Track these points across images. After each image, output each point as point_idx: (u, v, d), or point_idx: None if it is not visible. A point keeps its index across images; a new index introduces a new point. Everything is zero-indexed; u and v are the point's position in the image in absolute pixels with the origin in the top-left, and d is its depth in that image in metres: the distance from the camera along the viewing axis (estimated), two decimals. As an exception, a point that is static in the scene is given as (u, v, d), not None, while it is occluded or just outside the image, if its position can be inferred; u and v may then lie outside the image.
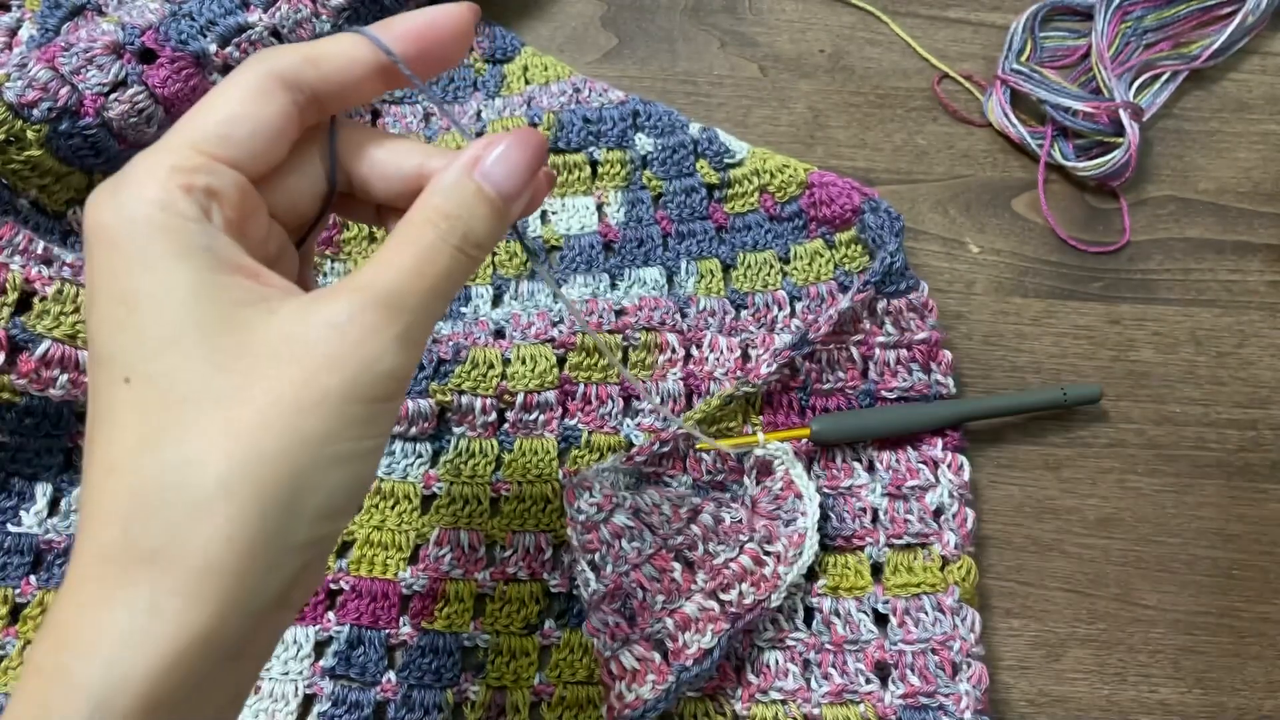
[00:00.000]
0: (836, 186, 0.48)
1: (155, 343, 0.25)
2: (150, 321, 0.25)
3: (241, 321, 0.26)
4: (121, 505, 0.24)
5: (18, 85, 0.43)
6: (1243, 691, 0.45)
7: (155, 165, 0.26)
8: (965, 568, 0.44)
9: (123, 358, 0.25)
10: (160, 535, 0.24)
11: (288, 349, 0.25)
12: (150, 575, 0.24)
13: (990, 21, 0.56)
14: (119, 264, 0.26)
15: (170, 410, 0.25)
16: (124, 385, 0.25)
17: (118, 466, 0.25)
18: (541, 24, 0.56)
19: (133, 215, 0.26)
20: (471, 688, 0.43)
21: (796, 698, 0.42)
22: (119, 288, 0.26)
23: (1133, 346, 0.50)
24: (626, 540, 0.42)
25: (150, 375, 0.25)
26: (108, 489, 0.25)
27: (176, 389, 0.25)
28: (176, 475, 0.24)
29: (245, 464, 0.24)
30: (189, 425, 0.25)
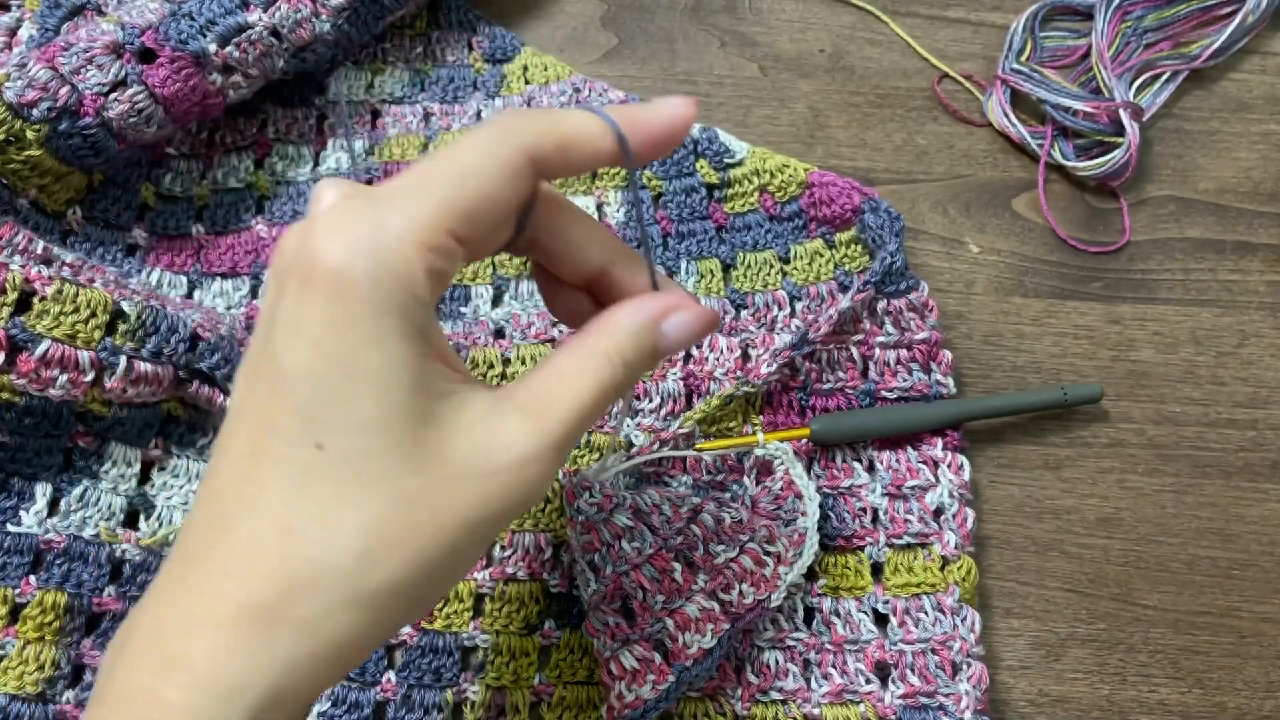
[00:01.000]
0: (836, 186, 0.48)
1: (365, 422, 0.25)
2: (366, 400, 0.25)
3: (439, 417, 0.26)
4: (290, 570, 0.25)
5: (17, 85, 0.43)
6: (1243, 691, 0.45)
7: (410, 238, 0.26)
8: (965, 568, 0.44)
9: (324, 423, 0.25)
10: (315, 610, 0.25)
11: (474, 468, 0.26)
12: (292, 641, 0.25)
13: (990, 21, 0.56)
14: (349, 329, 0.25)
15: (360, 493, 0.25)
16: (316, 450, 0.25)
17: (293, 530, 0.25)
18: (541, 24, 0.56)
19: (379, 286, 0.25)
20: (471, 688, 0.43)
21: (796, 698, 0.42)
22: (343, 353, 0.25)
23: (1133, 346, 0.50)
24: (626, 540, 0.42)
25: (349, 451, 0.25)
26: (278, 548, 0.25)
27: (371, 474, 0.25)
28: (349, 563, 0.25)
29: (409, 570, 0.25)
30: (373, 515, 0.25)
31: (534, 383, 0.28)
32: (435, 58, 0.54)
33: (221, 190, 0.51)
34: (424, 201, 0.26)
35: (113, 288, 0.42)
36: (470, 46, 0.54)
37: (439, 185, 0.26)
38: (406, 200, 0.26)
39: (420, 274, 0.26)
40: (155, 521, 0.44)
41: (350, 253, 0.25)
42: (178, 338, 0.42)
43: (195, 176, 0.51)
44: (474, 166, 0.27)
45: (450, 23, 0.55)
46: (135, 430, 0.44)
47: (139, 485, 0.44)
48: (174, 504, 0.44)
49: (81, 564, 0.42)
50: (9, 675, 0.41)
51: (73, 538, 0.43)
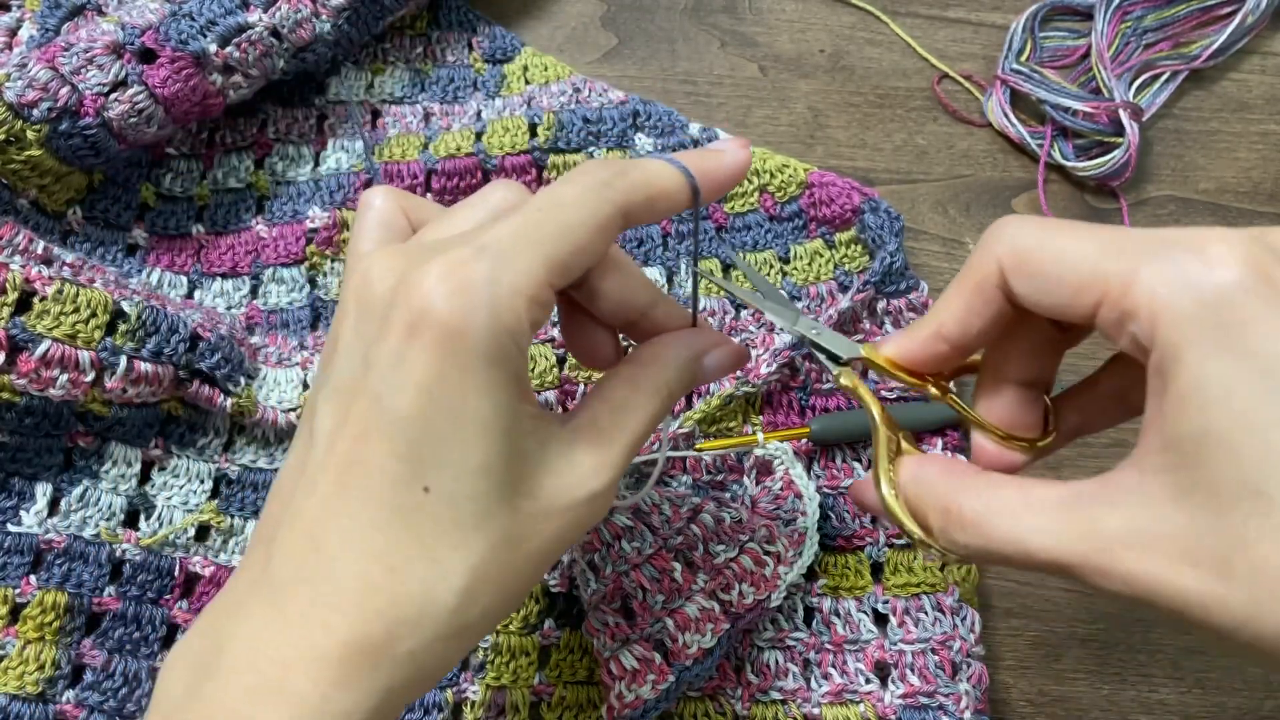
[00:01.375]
0: (836, 186, 0.48)
1: (472, 467, 0.27)
2: (474, 445, 0.26)
3: (527, 456, 0.28)
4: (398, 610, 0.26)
5: (18, 85, 0.43)
6: (1243, 691, 0.45)
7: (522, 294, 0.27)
8: (965, 567, 0.44)
9: (431, 467, 0.26)
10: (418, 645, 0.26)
11: (559, 504, 0.28)
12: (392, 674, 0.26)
13: (990, 21, 0.56)
14: (460, 378, 0.26)
15: (464, 534, 0.27)
16: (423, 493, 0.26)
17: (399, 571, 0.26)
18: (541, 24, 0.56)
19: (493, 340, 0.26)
20: (471, 687, 0.43)
21: (796, 697, 0.43)
22: (453, 401, 0.26)
23: (1132, 346, 0.50)
24: (626, 540, 0.42)
25: (454, 495, 0.27)
26: (386, 587, 0.26)
27: (475, 516, 0.27)
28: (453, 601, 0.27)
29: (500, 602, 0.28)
30: (476, 555, 0.27)
31: (594, 414, 0.30)
32: (435, 58, 0.54)
33: (222, 190, 0.51)
34: (532, 257, 0.27)
35: (113, 288, 0.42)
36: (470, 46, 0.54)
37: (545, 240, 0.27)
38: (515, 254, 0.27)
39: (526, 327, 0.27)
40: (155, 521, 0.44)
41: (467, 306, 0.26)
42: (178, 338, 0.42)
43: (195, 176, 0.51)
44: (577, 222, 0.28)
45: (450, 23, 0.55)
46: (135, 430, 0.44)
47: (139, 485, 0.44)
48: (174, 504, 0.44)
49: (81, 564, 0.42)
50: (9, 675, 0.41)
51: (73, 538, 0.43)
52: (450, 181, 0.50)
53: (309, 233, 0.49)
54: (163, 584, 0.43)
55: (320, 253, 0.49)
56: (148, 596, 0.43)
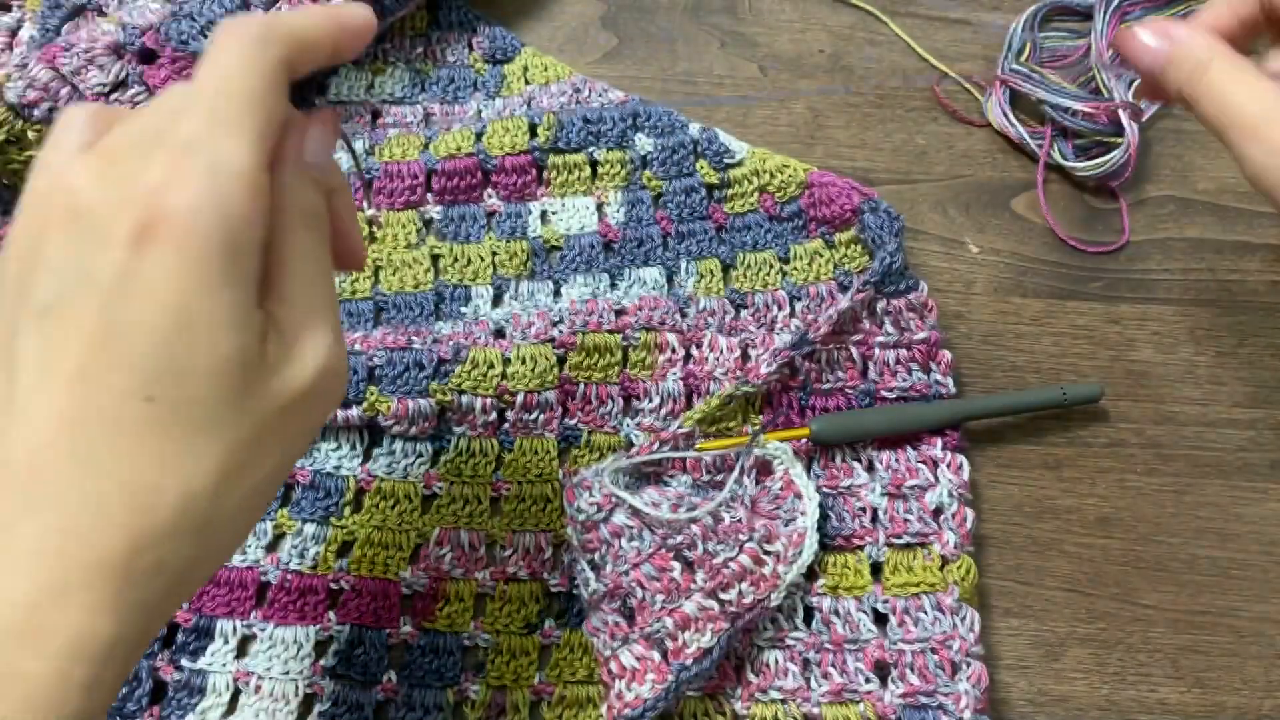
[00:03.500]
0: (836, 186, 0.48)
1: (198, 369, 0.26)
2: (202, 348, 0.26)
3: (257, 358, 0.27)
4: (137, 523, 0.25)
5: (18, 85, 0.43)
6: (1242, 691, 0.45)
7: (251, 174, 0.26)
8: (965, 567, 0.44)
9: (156, 374, 0.25)
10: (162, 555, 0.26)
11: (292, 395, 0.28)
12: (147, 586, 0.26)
13: (990, 21, 0.56)
14: (190, 279, 0.25)
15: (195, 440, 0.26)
16: (146, 403, 0.25)
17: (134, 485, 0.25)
18: (541, 24, 0.56)
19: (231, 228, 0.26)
20: (471, 687, 0.43)
21: (796, 697, 0.43)
22: (182, 304, 0.25)
23: (1133, 346, 0.50)
24: (626, 540, 0.42)
25: (178, 401, 0.26)
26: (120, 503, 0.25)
27: (202, 423, 0.26)
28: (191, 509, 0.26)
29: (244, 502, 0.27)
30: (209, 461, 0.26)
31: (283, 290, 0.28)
32: (435, 58, 0.54)
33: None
34: (239, 138, 0.26)
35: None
36: (470, 47, 0.54)
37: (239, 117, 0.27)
38: (222, 140, 0.26)
39: (254, 214, 0.26)
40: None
41: (196, 205, 0.25)
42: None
43: (196, 177, 0.51)
44: (256, 91, 0.27)
45: (450, 23, 0.55)
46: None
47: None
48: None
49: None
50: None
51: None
52: (450, 181, 0.50)
53: (309, 233, 0.49)
54: (163, 584, 0.43)
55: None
56: (148, 596, 0.43)
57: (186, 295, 0.25)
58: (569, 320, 0.47)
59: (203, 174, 0.25)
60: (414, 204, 0.50)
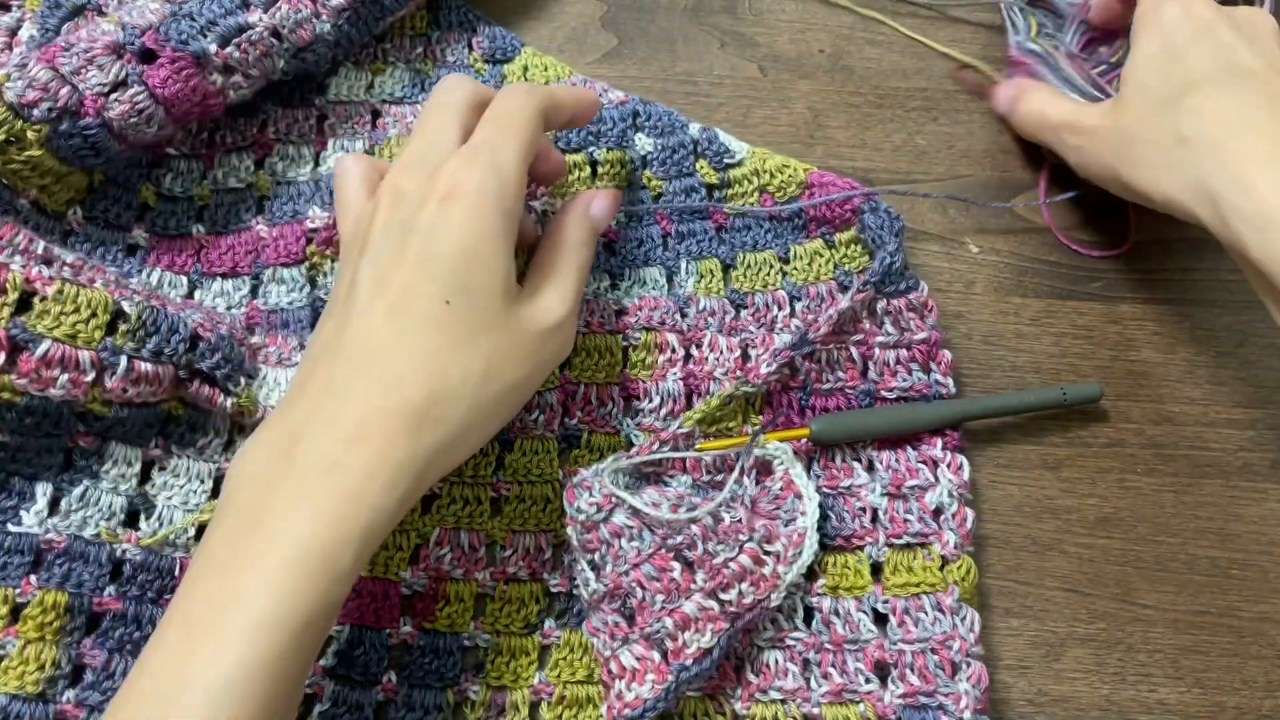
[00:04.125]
0: (836, 186, 0.48)
1: (483, 291, 0.38)
2: (482, 273, 0.38)
3: (515, 294, 0.39)
4: (433, 383, 0.36)
5: (18, 85, 0.43)
6: (1242, 691, 0.45)
7: (517, 167, 0.39)
8: (965, 567, 0.44)
9: (454, 288, 0.37)
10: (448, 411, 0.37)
11: (539, 327, 0.39)
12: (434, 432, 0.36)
13: (990, 21, 0.56)
14: (479, 226, 0.38)
15: (469, 336, 0.37)
16: (445, 305, 0.37)
17: (434, 356, 0.36)
18: (541, 24, 0.56)
19: (503, 195, 0.38)
20: (471, 687, 0.43)
21: (796, 697, 0.43)
22: (472, 243, 0.38)
23: (1133, 346, 0.50)
24: (626, 540, 0.42)
25: (466, 308, 0.37)
26: (423, 367, 0.36)
27: (478, 324, 0.37)
28: (473, 379, 0.37)
29: (504, 388, 0.38)
30: (483, 350, 0.37)
31: (550, 273, 0.41)
32: (435, 58, 0.54)
33: (222, 190, 0.51)
34: (513, 144, 0.39)
35: (113, 288, 0.42)
36: (470, 47, 0.54)
37: (513, 134, 0.40)
38: (501, 146, 0.39)
39: (517, 194, 0.39)
40: (155, 521, 0.44)
41: (484, 176, 0.38)
42: (178, 338, 0.42)
43: (196, 177, 0.51)
44: (528, 119, 0.40)
45: (450, 23, 0.55)
46: (135, 430, 0.44)
47: (139, 485, 0.45)
48: (174, 504, 0.44)
49: (82, 564, 0.43)
50: (9, 675, 0.41)
51: (73, 537, 0.43)
52: (450, 181, 0.50)
53: (309, 233, 0.49)
54: (163, 584, 0.43)
55: (320, 253, 0.49)
56: (148, 596, 0.43)
57: (474, 237, 0.37)
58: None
59: (487, 163, 0.38)
60: (414, 204, 0.50)
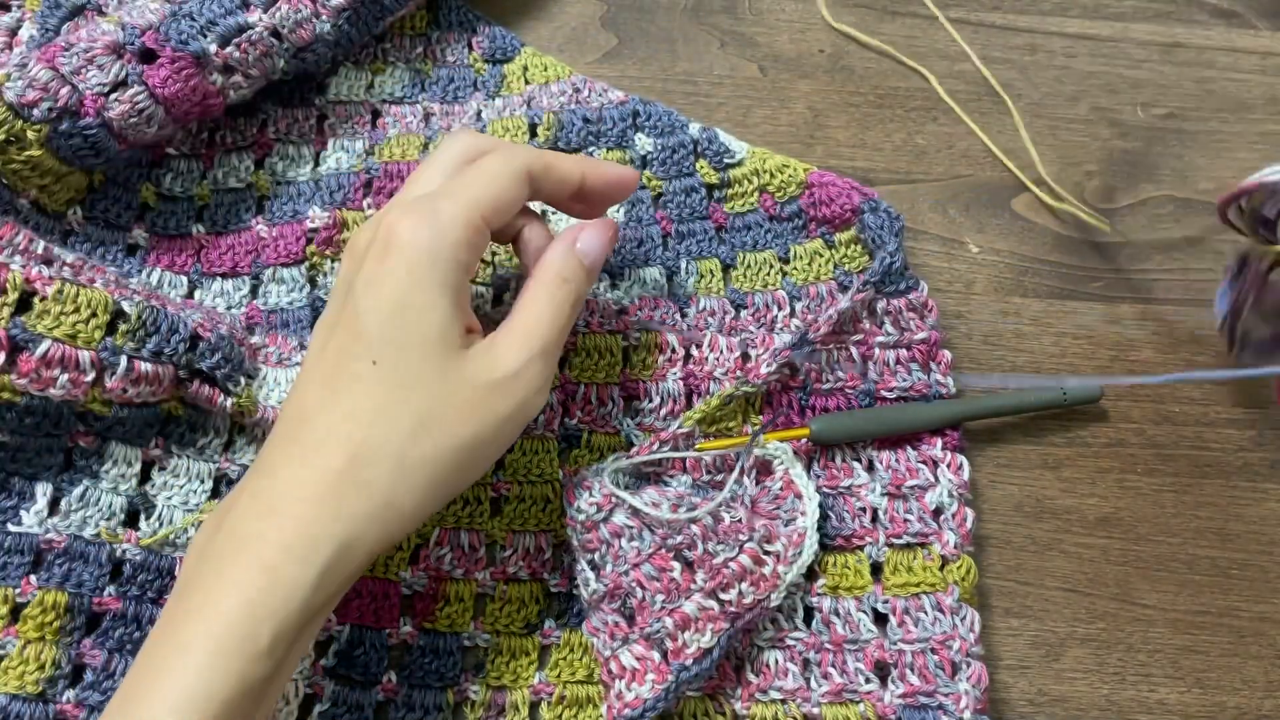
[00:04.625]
0: (836, 186, 0.48)
1: (411, 345, 0.36)
2: (414, 329, 0.36)
3: (457, 347, 0.36)
4: (354, 446, 0.35)
5: (18, 85, 0.43)
6: (1242, 691, 0.45)
7: (460, 218, 0.37)
8: (965, 567, 0.44)
9: (380, 346, 0.35)
10: (372, 475, 0.35)
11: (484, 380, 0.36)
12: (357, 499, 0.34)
13: (990, 22, 0.56)
14: (409, 279, 0.36)
15: (404, 393, 0.35)
16: (372, 366, 0.35)
17: (357, 419, 0.35)
18: (541, 24, 0.56)
19: (437, 247, 0.36)
20: (471, 687, 0.43)
21: (796, 697, 0.43)
22: (402, 297, 0.36)
23: (1133, 346, 0.50)
24: (626, 540, 0.42)
25: (395, 366, 0.35)
26: (342, 431, 0.35)
27: (409, 382, 0.35)
28: (396, 441, 0.35)
29: (439, 450, 0.35)
30: (412, 409, 0.35)
31: (513, 319, 0.38)
32: (435, 58, 0.54)
33: (222, 190, 0.51)
34: (466, 197, 0.37)
35: (113, 288, 0.42)
36: (470, 47, 0.54)
37: (474, 186, 0.38)
38: (454, 196, 0.37)
39: (462, 244, 0.36)
40: (155, 521, 0.44)
41: (418, 228, 0.36)
42: (178, 338, 0.42)
43: (195, 176, 0.51)
44: (495, 174, 0.38)
45: (450, 23, 0.55)
46: (135, 430, 0.44)
47: (139, 485, 0.45)
48: (174, 504, 0.44)
49: (82, 564, 0.43)
50: (9, 675, 0.41)
51: (73, 537, 0.43)
52: (450, 181, 0.50)
53: (309, 233, 0.49)
54: (163, 584, 0.43)
55: (320, 253, 0.49)
56: (148, 596, 0.43)
57: (404, 289, 0.36)
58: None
59: (425, 211, 0.37)
60: (414, 204, 0.50)
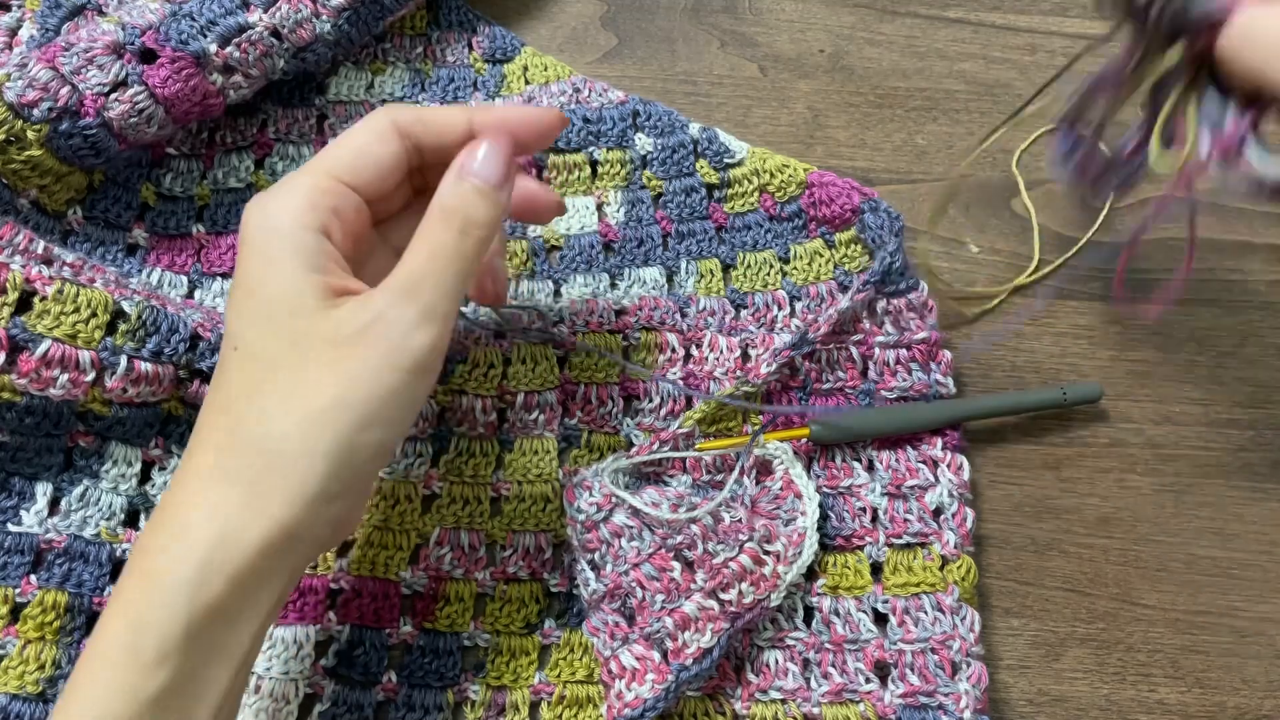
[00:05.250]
0: (836, 186, 0.48)
1: (258, 321, 0.34)
2: (259, 305, 0.34)
3: (317, 311, 0.34)
4: (222, 436, 0.34)
5: (18, 85, 0.43)
6: (1242, 691, 0.45)
7: (297, 185, 0.35)
8: (965, 567, 0.44)
9: (237, 331, 0.34)
10: (240, 463, 0.33)
11: (342, 334, 0.33)
12: (240, 486, 0.33)
13: (990, 22, 0.56)
14: (252, 259, 0.34)
15: (261, 373, 0.34)
16: (234, 351, 0.34)
17: (226, 408, 0.34)
18: (541, 24, 0.56)
19: (273, 224, 0.35)
20: (471, 687, 0.43)
21: (796, 697, 0.43)
22: (248, 278, 0.34)
23: (1133, 346, 0.50)
24: (626, 539, 0.42)
25: (250, 345, 0.34)
26: (217, 424, 0.34)
27: (266, 357, 0.34)
28: (260, 423, 0.33)
29: (304, 420, 0.33)
30: (271, 386, 0.33)
31: (400, 266, 0.35)
32: (435, 57, 0.54)
33: (222, 190, 0.51)
34: (314, 161, 0.36)
35: (113, 287, 0.42)
36: (470, 46, 0.54)
37: (326, 150, 0.37)
38: (305, 168, 0.36)
39: (305, 209, 0.35)
40: (156, 521, 0.44)
41: (255, 208, 0.35)
42: (178, 337, 0.42)
43: (196, 176, 0.51)
44: (351, 133, 0.37)
45: (450, 23, 0.55)
46: (136, 430, 0.44)
47: (139, 485, 0.45)
48: (174, 504, 0.44)
49: (82, 563, 0.43)
50: (9, 675, 0.41)
51: (73, 537, 0.43)
52: (450, 181, 0.50)
53: (309, 233, 0.49)
54: (163, 584, 0.43)
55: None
56: (148, 596, 0.43)
57: (251, 269, 0.34)
58: (569, 320, 0.48)
59: (260, 197, 0.36)
60: (414, 204, 0.50)
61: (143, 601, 0.32)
